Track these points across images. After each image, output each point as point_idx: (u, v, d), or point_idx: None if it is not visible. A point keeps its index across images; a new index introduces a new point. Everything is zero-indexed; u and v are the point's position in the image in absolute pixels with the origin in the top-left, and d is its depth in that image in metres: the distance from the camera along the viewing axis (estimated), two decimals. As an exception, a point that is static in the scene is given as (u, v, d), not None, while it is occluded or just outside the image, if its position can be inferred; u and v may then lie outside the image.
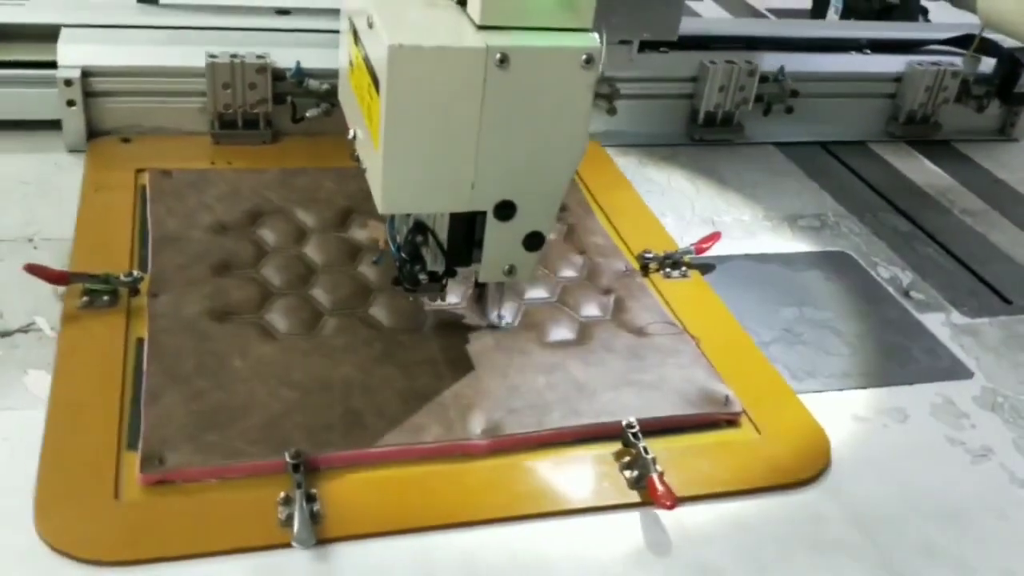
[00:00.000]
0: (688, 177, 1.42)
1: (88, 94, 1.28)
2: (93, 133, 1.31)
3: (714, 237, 1.21)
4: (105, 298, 1.00)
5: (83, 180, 1.22)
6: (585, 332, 1.05)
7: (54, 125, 1.30)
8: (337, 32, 1.00)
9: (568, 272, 1.15)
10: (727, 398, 0.97)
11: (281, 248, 1.12)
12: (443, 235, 0.91)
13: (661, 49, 1.53)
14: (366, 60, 0.86)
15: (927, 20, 2.12)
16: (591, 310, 1.09)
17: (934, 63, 1.63)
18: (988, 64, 1.68)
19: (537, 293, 1.10)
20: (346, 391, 0.92)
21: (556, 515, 0.84)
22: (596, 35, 0.82)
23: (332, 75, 1.23)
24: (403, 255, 0.93)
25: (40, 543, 0.75)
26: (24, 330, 0.96)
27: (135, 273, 1.02)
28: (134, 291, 1.01)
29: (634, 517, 0.85)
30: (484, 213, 0.88)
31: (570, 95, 0.82)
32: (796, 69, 1.57)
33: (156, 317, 0.98)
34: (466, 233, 0.90)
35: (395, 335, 1.00)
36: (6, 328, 0.96)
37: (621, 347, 1.03)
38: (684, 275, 1.17)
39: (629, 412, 0.93)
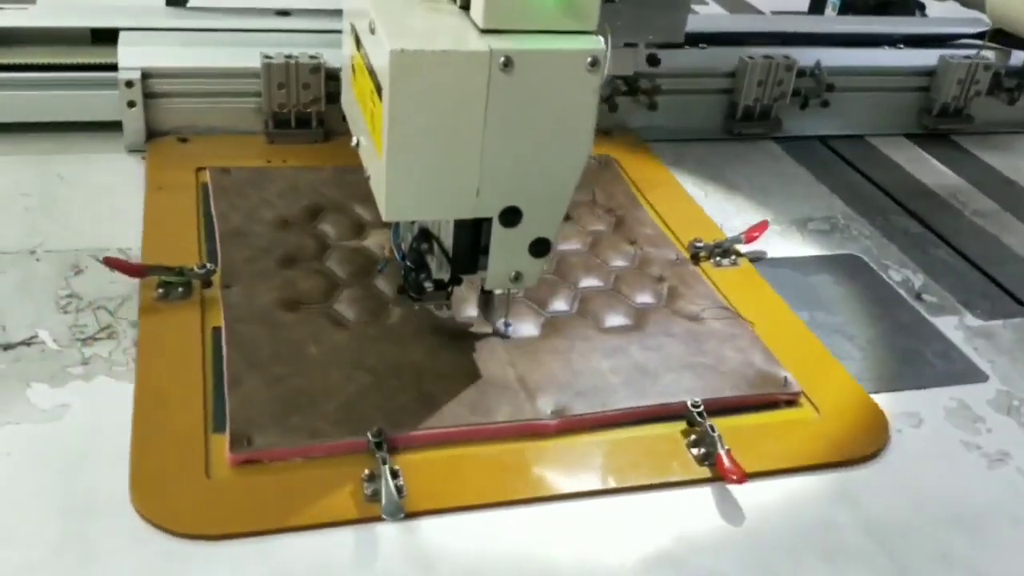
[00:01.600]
0: (698, 183, 1.42)
1: (147, 95, 1.32)
2: (151, 134, 1.34)
3: (762, 226, 1.23)
4: (180, 290, 1.03)
5: (145, 179, 1.26)
6: (641, 318, 1.08)
7: (104, 127, 1.33)
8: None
9: (620, 262, 1.18)
10: (786, 379, 1.00)
11: (342, 241, 1.15)
12: (448, 242, 0.90)
13: (700, 45, 1.56)
14: (368, 65, 0.86)
15: (924, 15, 2.13)
16: (645, 297, 1.11)
17: (966, 57, 1.66)
18: (1019, 57, 1.71)
19: (591, 282, 1.13)
20: (417, 375, 0.95)
21: (628, 491, 0.87)
22: (601, 38, 0.81)
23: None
24: (408, 263, 0.93)
25: (139, 520, 0.78)
26: (27, 343, 0.95)
27: (208, 266, 1.05)
28: (206, 283, 1.05)
29: (703, 492, 0.87)
30: (489, 220, 0.87)
31: (575, 98, 0.82)
32: (832, 64, 1.59)
33: (230, 307, 1.01)
34: (471, 240, 0.90)
35: (458, 323, 1.03)
36: (8, 341, 0.95)
37: (678, 332, 1.05)
38: (734, 263, 1.20)
39: (691, 393, 0.96)
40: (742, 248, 1.22)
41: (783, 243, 1.29)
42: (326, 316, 1.02)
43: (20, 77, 1.31)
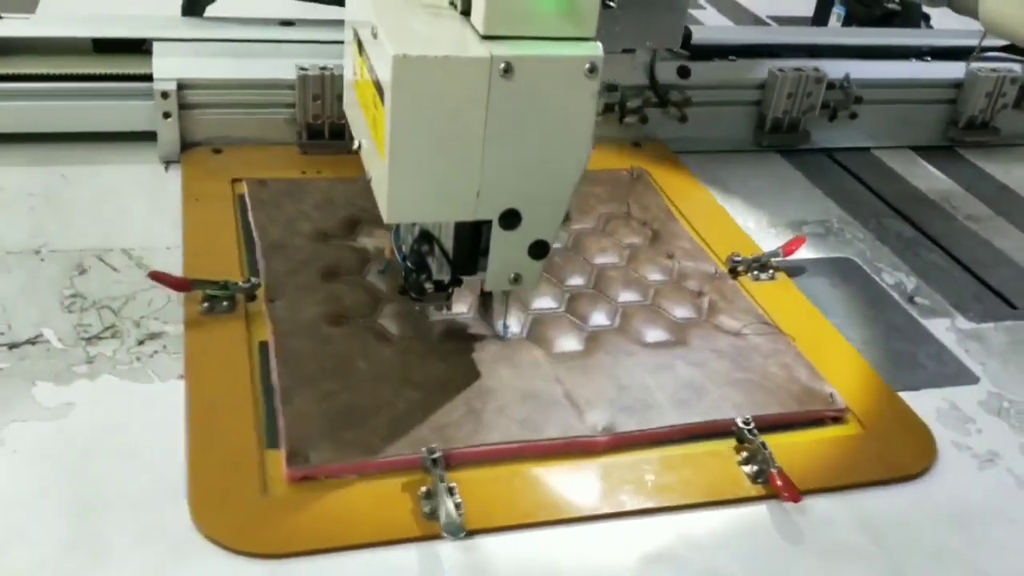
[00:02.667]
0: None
1: (182, 106, 1.32)
2: (185, 145, 1.34)
3: (799, 241, 1.23)
4: (224, 304, 1.03)
5: (182, 190, 1.26)
6: (683, 333, 1.08)
7: (134, 137, 1.34)
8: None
9: (658, 276, 1.18)
10: (832, 395, 1.00)
11: (382, 255, 1.15)
12: (448, 244, 0.92)
13: (730, 57, 1.56)
14: (371, 71, 0.87)
15: (929, 27, 2.13)
16: (686, 312, 1.12)
17: (993, 70, 1.66)
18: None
19: (630, 296, 1.13)
20: (465, 391, 0.95)
21: (683, 509, 0.87)
22: (599, 44, 0.82)
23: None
24: (409, 264, 0.94)
25: (199, 537, 0.78)
26: (32, 342, 0.96)
27: (252, 280, 1.05)
28: (250, 296, 1.05)
29: (759, 510, 0.88)
30: (489, 222, 0.88)
31: (574, 103, 0.83)
32: (860, 76, 1.59)
33: (276, 321, 1.01)
34: (471, 242, 0.91)
35: (502, 339, 1.03)
36: (14, 340, 0.97)
37: (722, 347, 1.06)
38: (772, 277, 1.20)
39: (738, 409, 0.96)
40: (776, 261, 1.22)
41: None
42: (371, 331, 1.02)
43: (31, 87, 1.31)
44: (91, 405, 0.90)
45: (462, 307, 1.06)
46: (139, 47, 1.39)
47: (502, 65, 0.79)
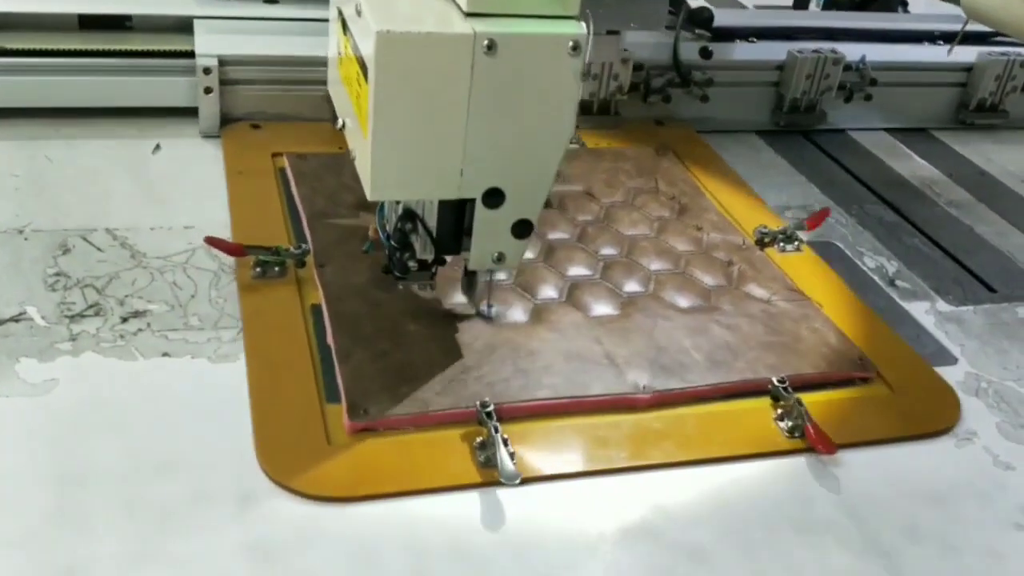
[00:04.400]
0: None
1: (223, 82, 1.35)
2: (224, 120, 1.38)
3: (824, 213, 1.28)
4: (276, 269, 1.07)
5: (224, 164, 1.29)
6: (715, 299, 1.12)
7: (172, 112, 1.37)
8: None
9: (687, 246, 1.22)
10: (861, 357, 1.04)
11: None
12: (432, 223, 0.92)
13: (750, 39, 1.60)
14: (355, 48, 0.87)
15: (906, 11, 2.15)
16: (716, 279, 1.16)
17: (1003, 54, 1.71)
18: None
19: (662, 264, 1.18)
20: (512, 351, 0.99)
21: (723, 460, 0.91)
22: (583, 23, 0.83)
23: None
24: (393, 243, 0.94)
25: (268, 482, 0.83)
26: (16, 319, 0.97)
27: (303, 246, 1.09)
28: (300, 263, 1.09)
29: (795, 462, 0.92)
30: (473, 201, 0.89)
31: (557, 82, 0.84)
32: (875, 59, 1.64)
33: (328, 285, 1.05)
34: (455, 221, 0.92)
35: (544, 303, 1.08)
36: None
37: (754, 312, 1.10)
38: (797, 249, 1.25)
39: (772, 370, 1.01)
40: (804, 235, 1.26)
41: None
42: (417, 295, 1.06)
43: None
44: (74, 382, 0.91)
45: (500, 275, 1.10)
46: (122, 24, 1.42)
47: (485, 42, 0.80)
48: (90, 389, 0.90)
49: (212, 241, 1.06)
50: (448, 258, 0.98)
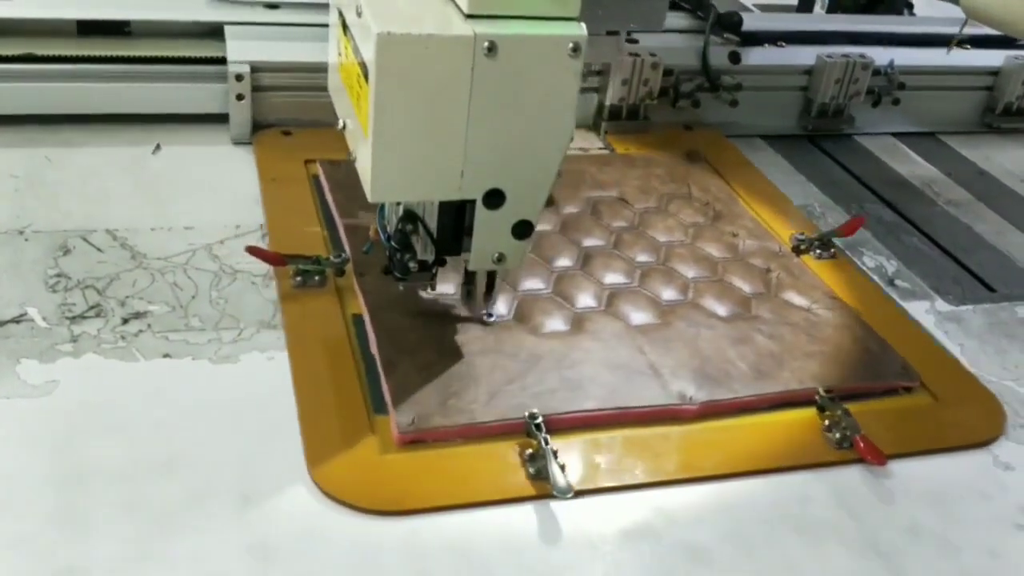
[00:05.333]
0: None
1: (254, 89, 1.35)
2: (255, 127, 1.37)
3: (859, 221, 1.28)
4: (316, 278, 1.07)
5: (257, 171, 1.29)
6: (755, 307, 1.12)
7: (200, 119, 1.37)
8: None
9: (724, 253, 1.22)
10: (904, 366, 1.04)
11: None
12: (433, 224, 0.92)
13: (779, 44, 1.60)
14: (355, 50, 0.87)
15: (912, 14, 2.15)
16: (755, 287, 1.16)
17: (1029, 56, 1.71)
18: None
19: (700, 272, 1.17)
20: (557, 362, 0.99)
21: (773, 472, 0.91)
22: (583, 24, 0.83)
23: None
24: (393, 244, 0.94)
25: (321, 496, 0.82)
26: (16, 320, 0.97)
27: (343, 255, 1.09)
28: (339, 271, 1.08)
29: (844, 473, 0.92)
30: (473, 201, 0.89)
31: (557, 83, 0.84)
32: (901, 63, 1.63)
33: (369, 295, 1.05)
34: (455, 222, 0.92)
35: (583, 312, 1.07)
36: None
37: (795, 320, 1.10)
38: (832, 256, 1.24)
39: (817, 380, 1.00)
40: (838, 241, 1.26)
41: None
42: (460, 306, 1.05)
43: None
44: (75, 383, 0.91)
45: (538, 283, 1.10)
46: (121, 29, 1.42)
47: (486, 44, 0.80)
48: (91, 390, 0.90)
49: (253, 251, 1.06)
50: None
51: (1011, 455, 0.97)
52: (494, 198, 0.89)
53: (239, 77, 1.33)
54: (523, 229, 0.92)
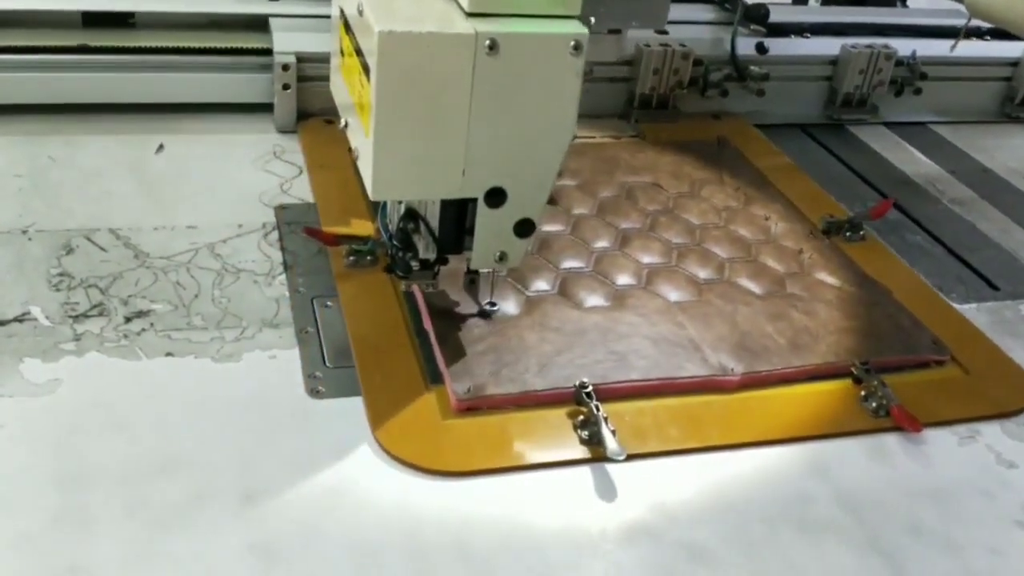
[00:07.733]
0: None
1: (299, 79, 1.39)
2: (300, 116, 1.42)
3: (888, 203, 1.31)
4: (368, 258, 1.11)
5: (304, 158, 1.34)
6: (788, 285, 1.16)
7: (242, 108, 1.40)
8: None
9: (756, 235, 1.26)
10: (935, 340, 1.08)
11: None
12: (434, 222, 0.93)
13: (805, 35, 1.64)
14: (356, 48, 0.88)
15: (905, 6, 2.18)
16: (789, 267, 1.20)
17: (1048, 47, 1.74)
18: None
19: (733, 252, 1.21)
20: (601, 335, 1.03)
21: (815, 438, 0.95)
22: (584, 23, 0.83)
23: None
24: (395, 242, 0.95)
25: (386, 457, 0.87)
26: (20, 319, 0.97)
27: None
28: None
29: (881, 440, 0.96)
30: (475, 200, 0.90)
31: (559, 81, 0.84)
32: (923, 54, 1.67)
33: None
34: (457, 220, 0.92)
35: (624, 289, 1.11)
36: (2, 317, 0.97)
37: (828, 298, 1.14)
38: (862, 238, 1.28)
39: (852, 354, 1.04)
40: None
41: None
42: (506, 283, 1.09)
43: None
44: (78, 382, 0.91)
45: (579, 262, 1.14)
46: (125, 21, 1.44)
47: (487, 42, 0.80)
48: (94, 389, 0.90)
49: (311, 231, 1.10)
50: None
51: (1013, 454, 0.98)
52: (495, 196, 0.90)
53: (285, 67, 1.37)
54: (525, 227, 0.92)
